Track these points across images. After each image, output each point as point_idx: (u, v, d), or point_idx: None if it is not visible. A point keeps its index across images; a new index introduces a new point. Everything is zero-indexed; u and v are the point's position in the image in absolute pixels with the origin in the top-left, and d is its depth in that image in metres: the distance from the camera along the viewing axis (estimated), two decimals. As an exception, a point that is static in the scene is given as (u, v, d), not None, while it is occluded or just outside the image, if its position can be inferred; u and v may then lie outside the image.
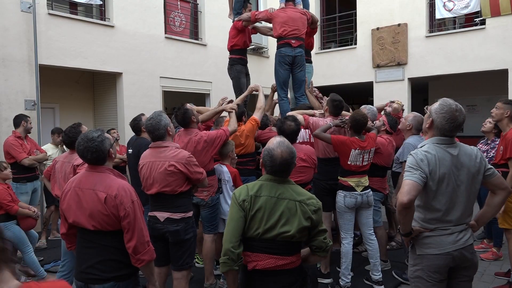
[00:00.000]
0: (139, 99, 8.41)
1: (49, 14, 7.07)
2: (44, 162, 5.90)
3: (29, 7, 6.73)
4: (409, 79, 10.03)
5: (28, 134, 5.84)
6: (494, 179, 2.43)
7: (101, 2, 7.91)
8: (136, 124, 4.72)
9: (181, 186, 3.23)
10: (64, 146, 5.38)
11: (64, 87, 8.29)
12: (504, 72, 8.73)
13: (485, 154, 5.15)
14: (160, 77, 8.86)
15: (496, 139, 5.25)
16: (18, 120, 5.70)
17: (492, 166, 2.48)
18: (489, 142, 5.47)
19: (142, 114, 4.76)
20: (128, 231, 2.32)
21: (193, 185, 3.39)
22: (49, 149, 6.15)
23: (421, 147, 2.42)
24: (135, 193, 2.42)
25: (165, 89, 9.06)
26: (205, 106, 9.66)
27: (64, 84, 8.27)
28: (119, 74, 8.17)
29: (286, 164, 2.19)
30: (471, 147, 2.47)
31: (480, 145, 5.57)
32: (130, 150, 4.64)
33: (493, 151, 5.06)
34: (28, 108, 6.76)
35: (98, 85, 8.86)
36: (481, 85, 10.80)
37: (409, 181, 2.27)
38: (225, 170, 4.30)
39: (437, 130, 2.39)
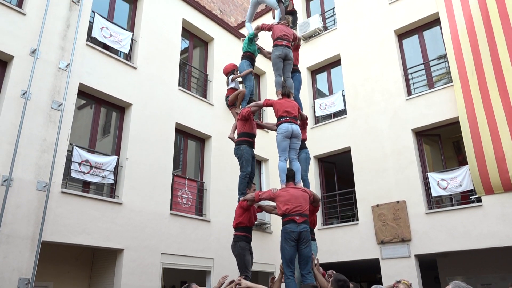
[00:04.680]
0: (137, 277, 8.08)
1: (62, 192, 7.41)
2: None
3: (44, 186, 7.10)
4: (415, 255, 9.74)
5: None
6: None
7: (113, 181, 8.39)
8: None
9: None
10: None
11: (61, 264, 8.06)
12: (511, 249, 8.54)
13: None
14: (162, 253, 8.71)
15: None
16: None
17: None
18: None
19: None
20: None
21: None
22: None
23: None
24: None
25: (166, 266, 8.79)
26: (205, 284, 9.25)
27: (62, 261, 8.07)
28: (120, 250, 8.06)
29: None
30: None
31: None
32: None
33: None
34: (20, 287, 6.44)
35: (97, 262, 8.63)
36: (492, 262, 10.29)
37: None
38: None
39: None
